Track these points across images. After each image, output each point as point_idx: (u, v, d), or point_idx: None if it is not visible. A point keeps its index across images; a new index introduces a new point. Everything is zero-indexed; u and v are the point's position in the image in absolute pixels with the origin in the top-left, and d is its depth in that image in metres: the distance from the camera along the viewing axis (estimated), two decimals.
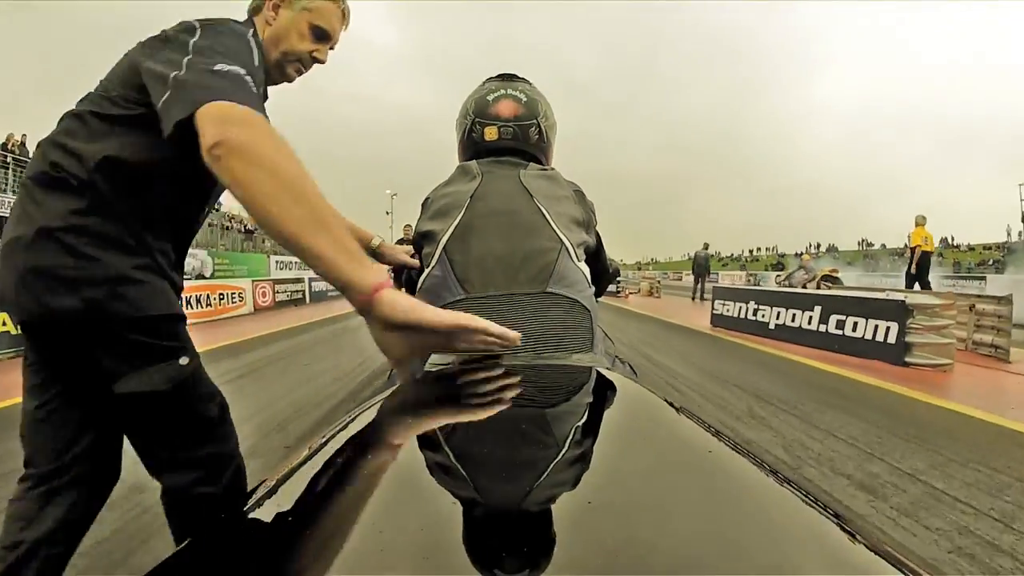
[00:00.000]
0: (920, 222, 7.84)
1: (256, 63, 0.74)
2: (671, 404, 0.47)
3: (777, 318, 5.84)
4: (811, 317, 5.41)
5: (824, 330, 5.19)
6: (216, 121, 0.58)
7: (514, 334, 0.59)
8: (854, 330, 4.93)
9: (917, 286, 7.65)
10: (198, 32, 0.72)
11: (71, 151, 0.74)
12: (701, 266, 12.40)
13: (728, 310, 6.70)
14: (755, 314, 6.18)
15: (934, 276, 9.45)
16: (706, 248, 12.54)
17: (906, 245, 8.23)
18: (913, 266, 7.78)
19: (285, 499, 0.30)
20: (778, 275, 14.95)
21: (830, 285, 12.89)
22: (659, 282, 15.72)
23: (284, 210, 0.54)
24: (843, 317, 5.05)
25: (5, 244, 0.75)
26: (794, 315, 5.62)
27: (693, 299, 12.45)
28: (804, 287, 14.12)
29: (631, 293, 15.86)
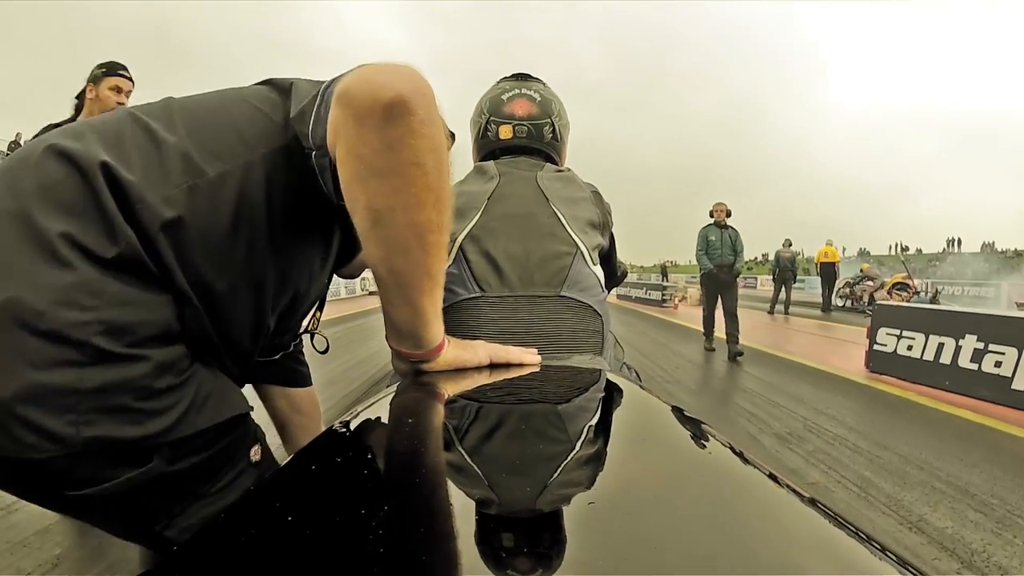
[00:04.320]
0: (829, 243, 10.62)
1: None
2: (673, 407, 0.46)
3: None
4: None
5: None
6: (399, 82, 0.42)
7: (535, 358, 0.65)
8: None
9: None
10: None
11: None
12: (786, 269, 9.34)
13: (909, 348, 4.00)
14: (979, 359, 3.51)
15: None
16: (789, 246, 9.58)
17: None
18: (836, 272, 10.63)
19: (285, 497, 0.30)
20: (842, 286, 11.99)
21: (907, 295, 10.05)
22: None
23: (426, 253, 0.47)
24: None
25: None
26: None
27: (771, 312, 9.68)
28: (871, 298, 11.28)
29: (681, 299, 13.14)
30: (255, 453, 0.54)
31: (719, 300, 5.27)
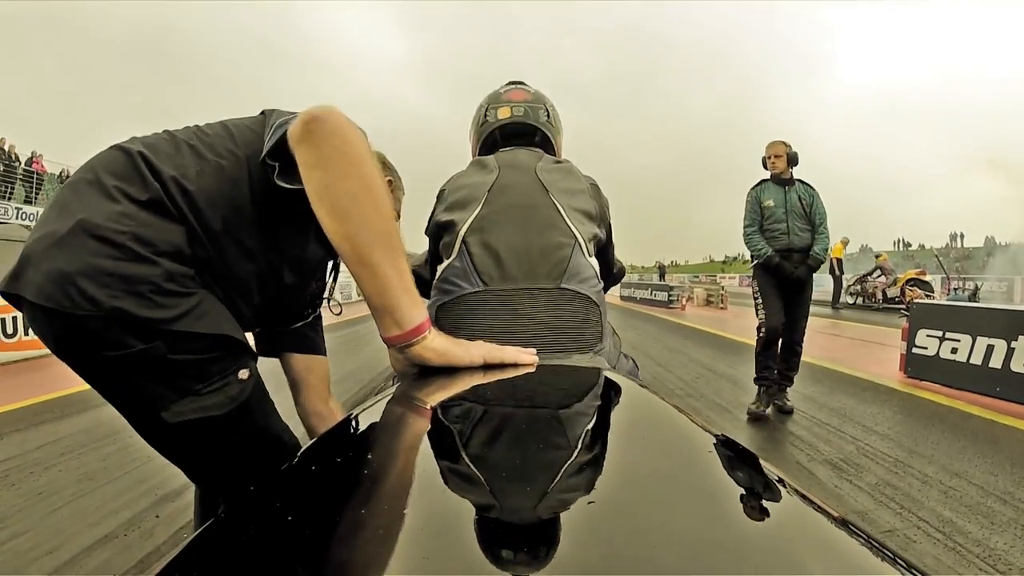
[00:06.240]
0: (844, 240, 12.13)
1: None
2: (672, 405, 0.46)
3: None
4: None
5: None
6: (315, 109, 0.61)
7: (531, 358, 0.64)
8: None
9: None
10: None
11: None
12: None
13: (953, 351, 3.66)
14: None
15: None
16: None
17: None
18: (835, 270, 11.19)
19: (286, 498, 0.30)
20: (853, 282, 11.69)
21: (923, 293, 9.65)
22: (724, 289, 12.48)
23: (363, 211, 0.58)
24: None
25: None
26: None
27: None
28: (884, 294, 10.89)
29: (689, 299, 12.80)
30: (243, 374, 0.70)
31: (782, 311, 2.88)
